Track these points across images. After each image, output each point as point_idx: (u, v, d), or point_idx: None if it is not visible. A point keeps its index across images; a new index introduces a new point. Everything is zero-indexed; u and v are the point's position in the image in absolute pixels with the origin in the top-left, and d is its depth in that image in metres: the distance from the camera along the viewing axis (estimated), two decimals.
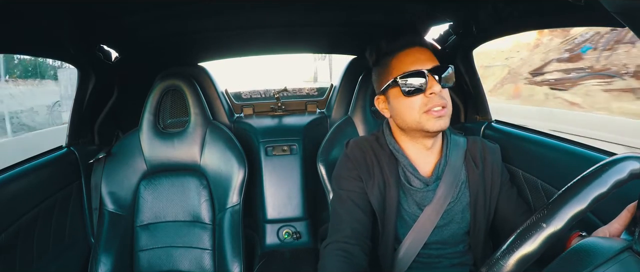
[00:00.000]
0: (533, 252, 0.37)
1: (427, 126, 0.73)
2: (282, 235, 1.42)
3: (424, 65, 0.73)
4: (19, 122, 6.31)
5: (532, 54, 6.47)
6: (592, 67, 5.22)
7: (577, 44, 5.64)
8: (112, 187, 1.17)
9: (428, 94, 0.72)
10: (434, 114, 0.72)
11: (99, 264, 1.09)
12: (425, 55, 0.75)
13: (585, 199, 0.37)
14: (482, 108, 1.21)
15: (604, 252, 0.39)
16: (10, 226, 0.89)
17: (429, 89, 0.72)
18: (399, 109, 0.77)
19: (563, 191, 0.39)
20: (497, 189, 0.80)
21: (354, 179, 0.79)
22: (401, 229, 0.79)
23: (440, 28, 1.23)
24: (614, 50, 5.02)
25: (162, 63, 1.44)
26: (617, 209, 0.52)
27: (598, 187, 0.38)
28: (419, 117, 0.74)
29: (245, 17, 1.23)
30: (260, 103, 1.70)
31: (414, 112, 0.74)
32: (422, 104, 0.73)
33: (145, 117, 1.20)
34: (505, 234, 0.84)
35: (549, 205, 0.39)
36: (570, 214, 0.37)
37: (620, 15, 0.48)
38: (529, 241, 0.37)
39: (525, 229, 0.38)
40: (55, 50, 1.06)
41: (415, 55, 0.75)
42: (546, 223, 0.37)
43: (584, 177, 0.39)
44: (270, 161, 1.45)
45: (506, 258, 0.37)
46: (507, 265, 0.37)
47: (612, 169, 0.39)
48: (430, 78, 0.72)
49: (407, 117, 0.75)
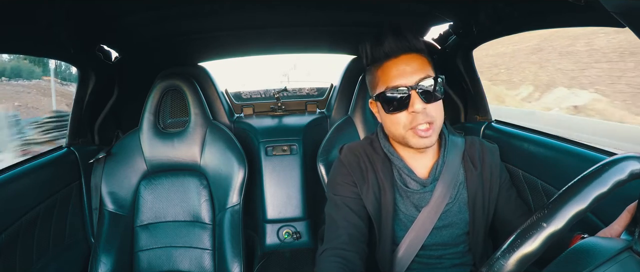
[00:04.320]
0: (533, 251, 0.37)
1: (411, 143, 0.72)
2: (282, 235, 1.42)
3: (408, 80, 0.69)
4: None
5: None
6: None
7: None
8: (112, 187, 1.17)
9: (410, 111, 0.70)
10: (418, 133, 0.70)
11: (99, 264, 1.09)
12: (411, 66, 0.70)
13: (586, 199, 0.37)
14: (482, 108, 1.21)
15: (604, 252, 0.39)
16: (10, 226, 0.89)
17: (412, 106, 0.69)
18: (386, 122, 0.76)
19: (563, 190, 0.39)
20: (496, 189, 0.80)
21: (348, 185, 0.79)
22: (399, 231, 0.79)
23: (440, 28, 1.24)
24: None
25: (162, 63, 1.44)
26: (617, 209, 0.52)
27: (598, 187, 0.38)
28: (404, 133, 0.72)
29: (245, 17, 1.23)
30: (260, 103, 1.70)
31: (399, 127, 0.72)
32: (407, 121, 0.71)
33: (145, 117, 1.20)
34: (504, 235, 0.84)
35: (550, 204, 0.39)
36: (570, 214, 0.37)
37: (620, 15, 0.48)
38: (530, 240, 0.37)
39: (525, 228, 0.38)
40: (55, 50, 1.06)
41: (400, 67, 0.70)
42: (546, 222, 0.37)
43: (584, 176, 0.39)
44: (270, 161, 1.45)
45: (507, 257, 0.37)
46: (508, 264, 0.37)
47: (613, 169, 0.39)
48: (414, 95, 0.69)
49: (393, 132, 0.75)
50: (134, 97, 1.34)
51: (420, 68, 0.70)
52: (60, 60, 1.14)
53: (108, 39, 1.21)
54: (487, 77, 9.85)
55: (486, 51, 10.22)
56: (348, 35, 1.47)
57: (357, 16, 1.28)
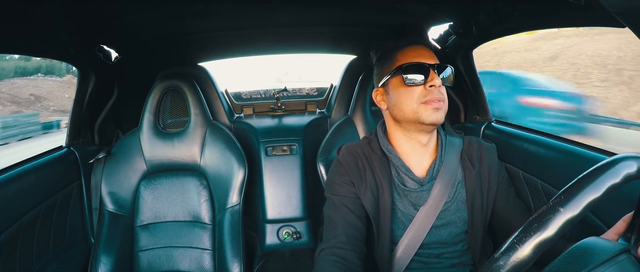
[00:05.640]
0: (551, 237, 0.37)
1: (423, 116, 0.74)
2: (282, 235, 1.42)
3: (427, 61, 0.76)
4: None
5: None
6: None
7: None
8: (112, 187, 1.17)
9: (428, 86, 0.74)
10: (431, 105, 0.74)
11: (99, 264, 1.09)
12: (428, 53, 0.78)
13: (600, 188, 0.38)
14: (482, 108, 1.21)
15: (603, 252, 0.39)
16: (10, 226, 0.89)
17: (430, 81, 0.74)
18: (398, 99, 0.78)
19: (580, 177, 0.39)
20: (494, 188, 0.81)
21: (346, 185, 0.80)
22: (398, 230, 0.79)
23: (440, 28, 1.24)
24: None
25: (162, 63, 1.44)
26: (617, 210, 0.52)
27: (611, 178, 0.38)
28: (417, 107, 0.75)
29: (245, 17, 1.23)
30: (260, 103, 1.70)
31: (413, 102, 0.75)
32: (421, 95, 0.75)
33: (145, 117, 1.20)
34: (502, 234, 0.84)
35: (566, 190, 0.39)
36: (586, 201, 0.37)
37: (620, 15, 0.48)
38: (547, 226, 0.37)
39: (543, 212, 0.38)
40: (56, 50, 1.06)
41: (420, 51, 0.77)
42: (563, 207, 0.37)
43: (599, 167, 0.39)
44: (270, 161, 1.45)
45: (523, 242, 0.37)
46: (524, 250, 0.37)
47: (624, 163, 0.39)
48: (432, 72, 0.75)
49: (405, 107, 0.76)
50: (134, 97, 1.34)
51: (434, 57, 0.79)
52: (60, 60, 1.14)
53: (108, 39, 1.21)
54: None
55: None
56: (348, 35, 1.47)
57: (357, 16, 1.28)
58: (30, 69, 18.91)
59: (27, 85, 17.69)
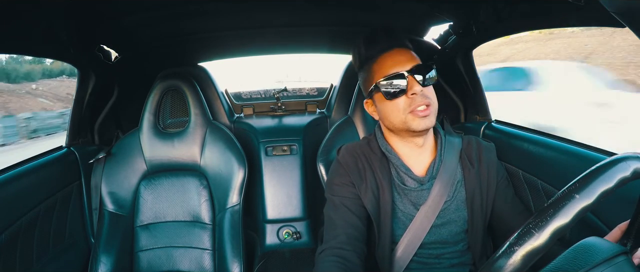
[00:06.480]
0: (567, 224, 0.37)
1: (413, 125, 0.74)
2: (282, 235, 1.42)
3: (403, 67, 0.74)
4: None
5: None
6: None
7: None
8: (112, 187, 1.17)
9: (410, 94, 0.73)
10: (418, 114, 0.73)
11: (99, 264, 1.09)
12: (404, 56, 0.76)
13: (612, 179, 0.38)
14: (482, 108, 1.21)
15: (602, 253, 0.39)
16: (10, 226, 0.89)
17: (410, 89, 0.73)
18: (385, 112, 0.78)
19: (595, 167, 0.40)
20: (493, 187, 0.81)
21: (346, 185, 0.80)
22: (398, 229, 0.79)
23: (440, 28, 1.24)
24: None
25: (162, 63, 1.44)
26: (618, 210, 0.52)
27: (622, 171, 0.38)
28: (404, 117, 0.75)
29: (245, 17, 1.23)
30: (260, 103, 1.70)
31: (399, 112, 0.75)
32: (406, 105, 0.74)
33: (145, 117, 1.20)
34: (501, 233, 0.84)
35: (581, 179, 0.39)
36: (600, 190, 0.37)
37: (620, 15, 0.48)
38: (563, 212, 0.37)
39: (560, 197, 0.38)
40: (55, 50, 1.06)
41: (395, 58, 0.75)
42: (579, 194, 0.37)
43: (611, 161, 0.40)
44: (270, 161, 1.45)
45: (541, 229, 0.37)
46: (541, 237, 0.37)
47: (633, 161, 0.39)
48: (411, 79, 0.73)
49: (394, 119, 0.77)
50: (134, 97, 1.34)
51: (412, 58, 0.76)
52: (61, 60, 1.14)
53: (108, 39, 1.21)
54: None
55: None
56: (348, 35, 1.47)
57: (357, 16, 1.28)
58: (56, 71, 21.01)
59: (59, 85, 19.79)
